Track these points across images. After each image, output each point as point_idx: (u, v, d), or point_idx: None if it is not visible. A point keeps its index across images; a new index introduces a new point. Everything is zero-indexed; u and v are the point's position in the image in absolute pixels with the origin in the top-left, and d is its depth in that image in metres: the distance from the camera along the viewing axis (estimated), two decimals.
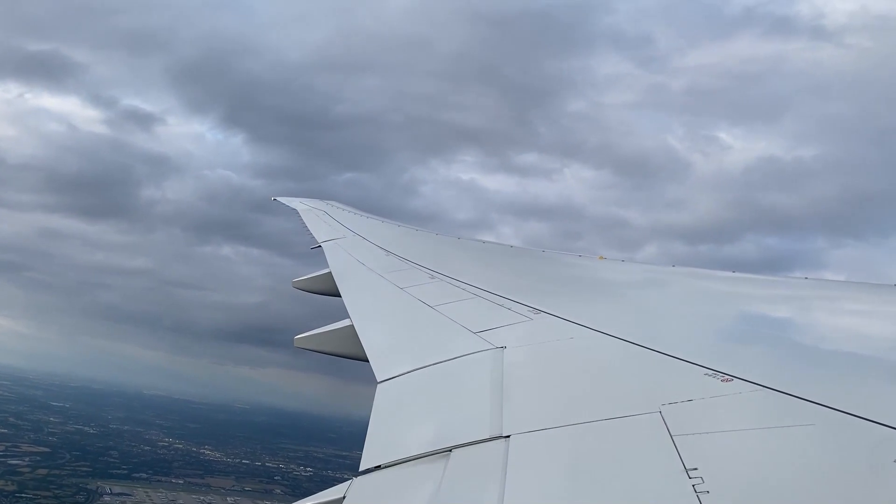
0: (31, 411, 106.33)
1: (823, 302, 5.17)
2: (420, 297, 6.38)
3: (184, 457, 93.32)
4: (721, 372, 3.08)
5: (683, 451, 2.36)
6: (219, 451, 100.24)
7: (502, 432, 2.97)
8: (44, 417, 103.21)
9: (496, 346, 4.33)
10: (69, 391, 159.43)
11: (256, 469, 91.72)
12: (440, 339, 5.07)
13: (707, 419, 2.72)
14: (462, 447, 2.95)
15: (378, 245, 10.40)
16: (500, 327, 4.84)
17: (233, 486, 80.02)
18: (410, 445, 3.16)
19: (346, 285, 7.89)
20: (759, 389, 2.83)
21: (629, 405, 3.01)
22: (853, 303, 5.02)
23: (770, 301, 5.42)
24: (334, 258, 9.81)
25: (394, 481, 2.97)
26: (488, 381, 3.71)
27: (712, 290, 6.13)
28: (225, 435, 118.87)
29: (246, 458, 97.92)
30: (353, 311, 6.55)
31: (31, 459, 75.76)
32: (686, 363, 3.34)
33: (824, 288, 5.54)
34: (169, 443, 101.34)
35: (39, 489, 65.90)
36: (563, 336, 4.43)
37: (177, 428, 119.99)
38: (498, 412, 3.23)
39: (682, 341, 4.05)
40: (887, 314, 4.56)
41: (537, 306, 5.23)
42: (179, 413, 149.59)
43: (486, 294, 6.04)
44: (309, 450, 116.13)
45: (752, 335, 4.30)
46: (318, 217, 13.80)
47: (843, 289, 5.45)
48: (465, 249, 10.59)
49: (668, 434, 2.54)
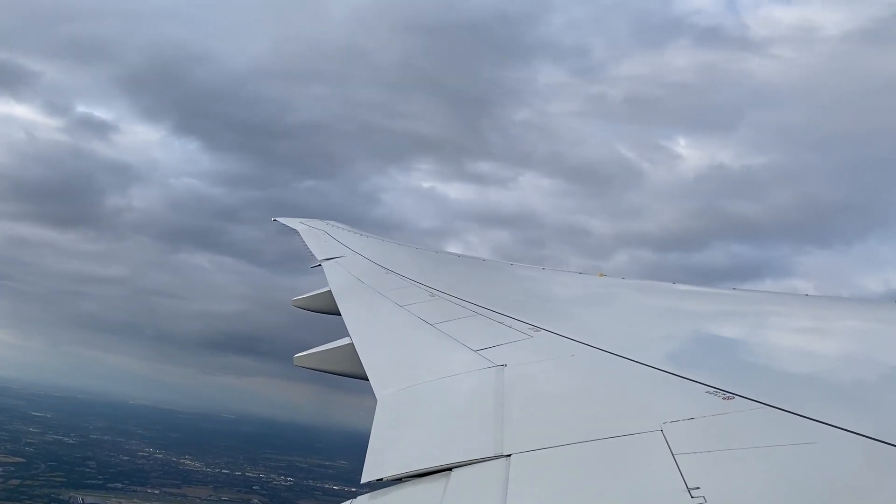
0: (9, 421, 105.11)
1: (824, 319, 5.15)
2: (420, 315, 6.38)
3: (162, 466, 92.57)
4: (722, 390, 3.08)
5: (685, 470, 2.35)
6: (199, 460, 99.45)
7: (503, 451, 2.94)
8: (23, 427, 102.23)
9: (496, 364, 4.31)
10: (52, 401, 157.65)
11: (236, 479, 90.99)
12: (440, 357, 5.06)
13: (709, 437, 2.71)
14: (462, 466, 2.92)
15: (377, 263, 10.44)
16: (501, 345, 4.82)
17: (209, 496, 79.32)
18: (410, 464, 3.13)
19: (345, 304, 7.90)
20: (760, 407, 2.83)
21: (630, 423, 3.00)
22: (854, 320, 5.01)
23: (771, 318, 5.41)
24: (334, 277, 9.84)
25: (393, 502, 2.95)
26: (489, 400, 3.69)
27: (713, 308, 6.11)
28: (207, 444, 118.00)
29: (226, 467, 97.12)
30: (353, 329, 6.55)
31: (5, 470, 75.03)
32: (687, 381, 3.33)
33: (825, 304, 5.52)
34: (149, 453, 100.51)
35: (10, 500, 65.15)
36: (564, 354, 4.42)
37: (158, 438, 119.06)
38: (499, 431, 3.21)
39: (683, 359, 4.06)
40: (887, 331, 4.55)
41: (537, 324, 5.23)
42: (163, 423, 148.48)
43: (486, 312, 6.05)
44: (292, 460, 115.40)
45: (753, 353, 4.29)
46: (319, 237, 13.91)
47: (844, 305, 5.43)
48: (464, 267, 10.63)
49: (669, 452, 2.52)
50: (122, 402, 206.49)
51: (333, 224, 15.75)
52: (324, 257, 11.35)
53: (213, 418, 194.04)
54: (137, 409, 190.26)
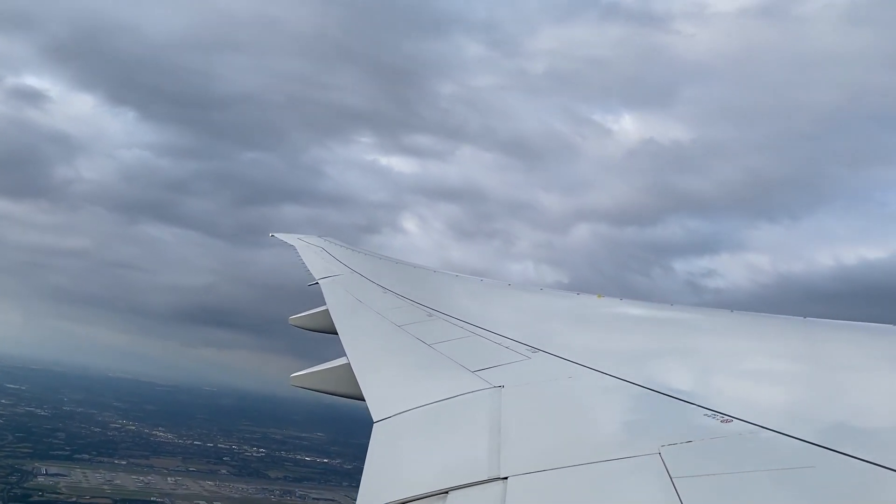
0: None
1: (823, 343, 5.15)
2: (417, 335, 6.38)
3: (133, 438, 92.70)
4: (721, 413, 3.08)
5: (683, 493, 2.34)
6: (172, 432, 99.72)
7: (500, 474, 2.92)
8: None
9: (494, 386, 4.29)
10: (28, 374, 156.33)
11: (207, 450, 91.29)
12: (437, 378, 5.03)
13: (707, 461, 2.70)
14: (459, 489, 2.90)
15: (375, 282, 10.44)
16: (498, 366, 4.81)
17: (177, 467, 79.39)
18: (406, 486, 3.10)
19: (342, 323, 7.87)
20: (759, 431, 2.82)
21: (628, 446, 2.99)
22: (852, 344, 5.00)
23: (769, 341, 5.42)
24: (331, 295, 9.80)
25: None
26: (486, 421, 3.67)
27: (711, 330, 6.11)
28: (183, 417, 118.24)
29: (199, 439, 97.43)
30: (350, 349, 6.54)
31: None
32: (686, 404, 3.33)
33: (825, 329, 5.52)
34: (122, 425, 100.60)
35: None
36: (562, 375, 4.40)
37: (133, 410, 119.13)
38: (496, 453, 3.18)
39: (682, 382, 4.06)
40: (888, 357, 4.54)
41: (535, 345, 5.22)
42: (141, 395, 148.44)
43: (484, 332, 6.05)
44: (268, 431, 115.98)
45: (751, 376, 4.29)
46: (316, 254, 13.87)
47: (845, 330, 5.42)
48: (462, 287, 10.62)
49: (667, 476, 2.51)
50: (100, 375, 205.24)
51: (330, 240, 15.80)
52: (321, 276, 11.35)
53: (193, 391, 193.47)
54: (116, 381, 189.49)
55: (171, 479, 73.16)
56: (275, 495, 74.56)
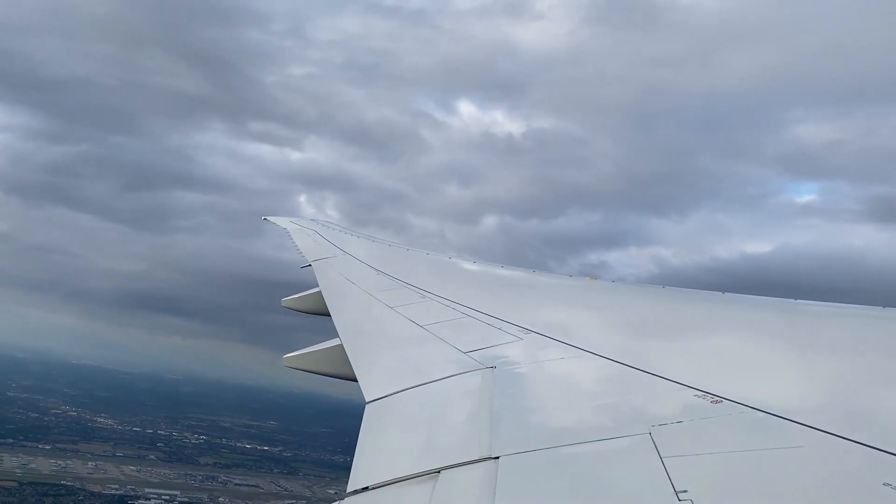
0: None
1: (813, 325, 5.17)
2: (410, 316, 6.43)
3: (70, 424, 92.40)
4: (710, 393, 3.11)
5: (673, 473, 2.37)
6: (115, 419, 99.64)
7: (491, 453, 2.95)
8: None
9: (486, 366, 4.34)
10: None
11: (144, 436, 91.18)
12: (430, 358, 5.08)
13: (697, 441, 2.73)
14: (451, 468, 2.93)
15: (368, 264, 10.49)
16: (491, 347, 4.87)
17: (104, 452, 79.41)
18: (399, 466, 3.14)
19: (335, 305, 7.93)
20: (748, 411, 2.86)
21: (619, 426, 3.04)
22: (843, 326, 5.04)
23: (760, 322, 5.45)
24: (324, 277, 9.86)
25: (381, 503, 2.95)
26: (478, 402, 3.71)
27: (703, 311, 6.15)
28: (133, 404, 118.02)
29: (140, 426, 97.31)
30: (343, 330, 6.59)
31: None
32: (676, 384, 3.37)
33: (813, 310, 5.54)
34: (63, 410, 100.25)
35: None
36: (554, 356, 4.46)
37: (82, 396, 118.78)
38: (487, 433, 3.22)
39: (672, 362, 4.08)
40: (880, 339, 4.57)
41: (527, 326, 5.28)
42: (95, 382, 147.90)
43: (477, 314, 6.10)
44: (218, 419, 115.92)
45: (741, 357, 4.33)
46: (309, 237, 13.89)
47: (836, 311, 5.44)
48: (455, 269, 10.69)
49: (657, 455, 2.54)
50: (61, 362, 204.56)
51: (323, 222, 15.88)
52: (314, 258, 11.36)
53: (155, 378, 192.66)
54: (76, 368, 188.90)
55: (92, 464, 72.83)
56: (196, 480, 74.43)
